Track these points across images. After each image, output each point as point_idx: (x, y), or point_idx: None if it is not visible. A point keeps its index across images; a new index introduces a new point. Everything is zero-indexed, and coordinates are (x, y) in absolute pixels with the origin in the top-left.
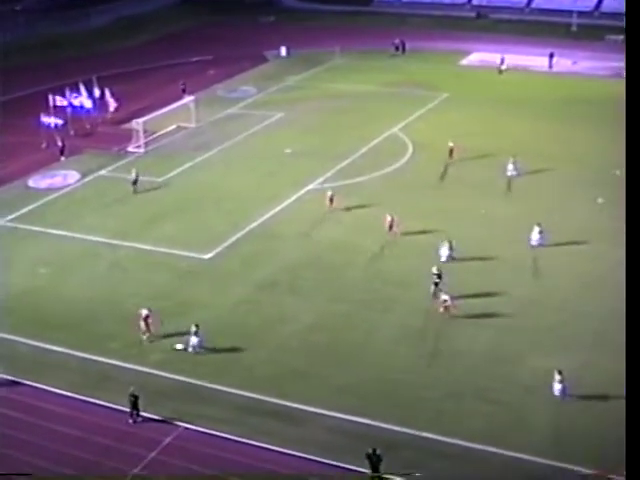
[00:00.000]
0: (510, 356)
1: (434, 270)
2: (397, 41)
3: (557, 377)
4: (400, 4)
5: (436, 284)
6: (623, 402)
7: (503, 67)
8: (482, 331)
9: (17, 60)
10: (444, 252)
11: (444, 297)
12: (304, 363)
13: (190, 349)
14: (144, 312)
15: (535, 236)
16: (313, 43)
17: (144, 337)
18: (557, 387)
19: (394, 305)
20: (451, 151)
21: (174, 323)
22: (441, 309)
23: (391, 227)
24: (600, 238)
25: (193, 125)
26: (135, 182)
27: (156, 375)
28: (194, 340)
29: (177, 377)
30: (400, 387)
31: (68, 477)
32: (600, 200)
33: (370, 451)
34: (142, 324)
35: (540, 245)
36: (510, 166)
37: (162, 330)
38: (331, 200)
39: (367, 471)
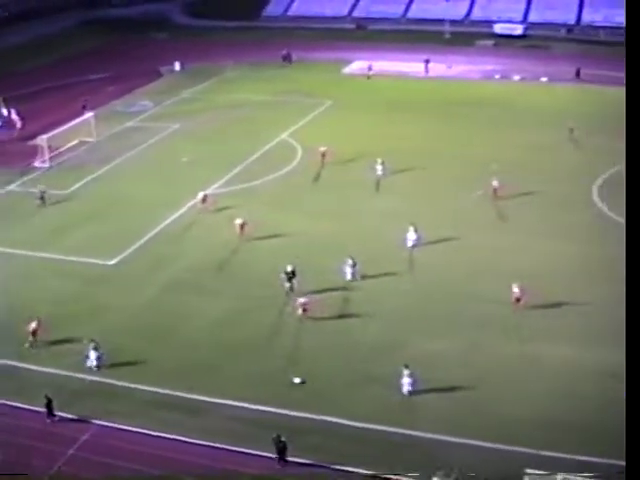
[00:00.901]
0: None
1: (288, 268)
2: (285, 53)
3: (405, 372)
4: (286, 18)
5: (289, 280)
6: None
7: (370, 73)
8: (371, 323)
9: None
10: (412, 237)
11: (301, 300)
12: (208, 357)
13: (90, 363)
14: (32, 325)
15: (412, 236)
16: (206, 57)
17: (26, 345)
18: (406, 381)
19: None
20: (323, 155)
21: (81, 327)
22: (300, 310)
23: (242, 227)
24: (474, 230)
25: (94, 139)
26: (42, 197)
27: (70, 377)
28: (93, 355)
29: (90, 377)
30: (302, 377)
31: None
32: (478, 193)
33: (275, 437)
34: (30, 334)
35: (416, 243)
36: (379, 167)
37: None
38: (204, 200)
39: (273, 456)
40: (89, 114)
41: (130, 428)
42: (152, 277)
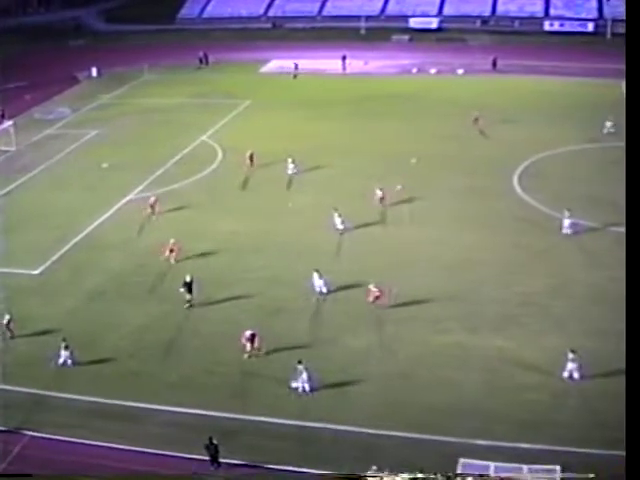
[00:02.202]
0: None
1: (187, 279)
2: (201, 54)
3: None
4: (201, 20)
5: (189, 291)
6: None
7: (296, 72)
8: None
9: None
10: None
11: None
12: (137, 363)
13: (62, 361)
14: None
15: (337, 221)
16: (122, 62)
17: None
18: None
19: (216, 303)
20: (251, 157)
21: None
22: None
23: (172, 251)
24: (390, 220)
25: (14, 148)
26: None
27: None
28: (65, 354)
29: (20, 389)
30: (230, 378)
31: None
32: (399, 187)
33: (207, 441)
34: None
35: (345, 229)
36: (290, 165)
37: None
38: (152, 206)
39: (206, 458)
40: (8, 123)
41: (63, 438)
42: (76, 285)
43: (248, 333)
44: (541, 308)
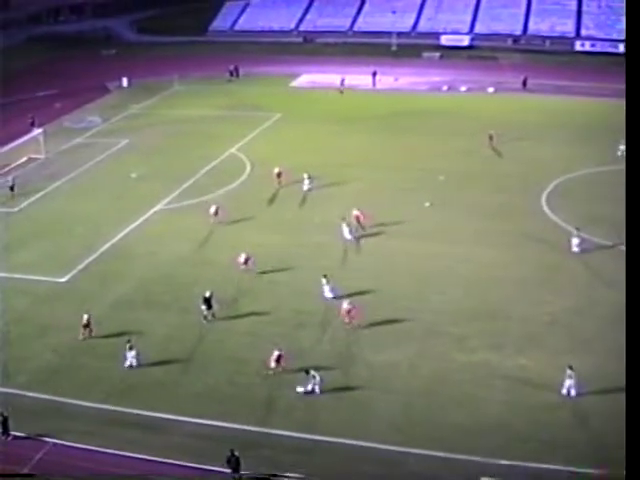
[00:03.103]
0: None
1: (206, 294)
2: (232, 67)
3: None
4: (233, 33)
5: (209, 307)
6: None
7: (342, 87)
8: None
9: None
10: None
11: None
12: (162, 373)
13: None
14: None
15: (345, 230)
16: (153, 73)
17: None
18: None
19: (241, 315)
20: (279, 175)
21: (32, 345)
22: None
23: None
24: (416, 236)
25: (43, 156)
26: (12, 187)
27: (23, 395)
28: (131, 354)
29: (43, 396)
30: (253, 390)
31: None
32: (427, 204)
33: (229, 454)
34: None
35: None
36: (306, 181)
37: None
38: (216, 213)
39: (228, 470)
40: (38, 131)
41: (85, 446)
42: (102, 294)
43: (276, 354)
44: (565, 327)
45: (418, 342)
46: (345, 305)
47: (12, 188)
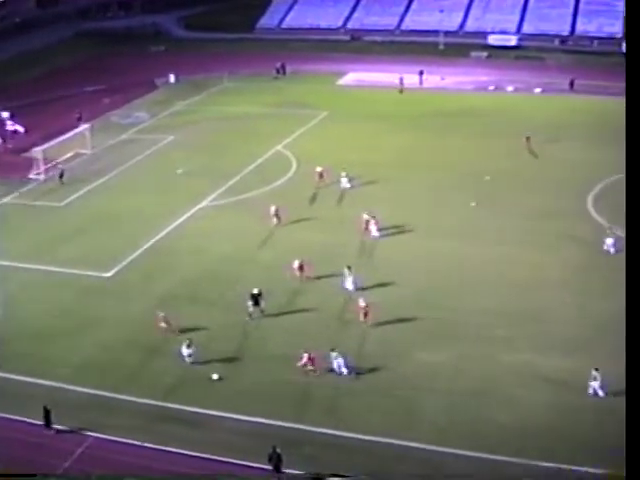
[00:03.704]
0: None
1: (254, 291)
2: (279, 64)
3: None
4: (280, 30)
5: (256, 303)
6: None
7: (402, 86)
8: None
9: None
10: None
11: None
12: (207, 370)
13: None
14: None
15: (373, 228)
16: (200, 69)
17: None
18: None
19: (287, 312)
20: (321, 174)
21: (77, 339)
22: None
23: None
24: (460, 236)
25: (90, 151)
26: (61, 175)
27: (66, 389)
28: (186, 351)
29: (87, 390)
30: (297, 389)
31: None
32: (473, 204)
33: (270, 450)
34: None
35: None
36: (344, 180)
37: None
38: (277, 215)
39: (269, 467)
40: (85, 126)
41: (127, 441)
42: (148, 289)
43: (305, 355)
44: (610, 331)
45: (462, 342)
46: (361, 302)
47: (61, 176)
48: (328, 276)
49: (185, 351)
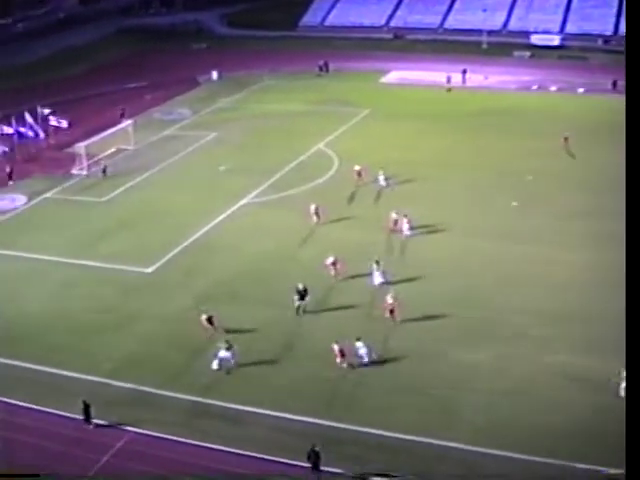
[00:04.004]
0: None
1: (299, 287)
2: (321, 62)
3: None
4: (323, 28)
5: (301, 298)
6: None
7: (450, 85)
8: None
9: None
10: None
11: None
12: (245, 367)
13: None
14: None
15: (405, 226)
16: (243, 67)
17: None
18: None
19: (326, 310)
20: (359, 173)
21: (119, 335)
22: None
23: (334, 264)
24: (501, 236)
25: (132, 147)
26: (104, 171)
27: (106, 384)
28: (223, 355)
29: (127, 385)
30: (337, 387)
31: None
32: (515, 203)
33: (310, 449)
34: None
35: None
36: (381, 177)
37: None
38: (317, 214)
39: (308, 465)
40: (127, 122)
41: (166, 436)
42: (187, 286)
43: (336, 347)
44: None
45: (501, 342)
46: (389, 299)
47: (104, 171)
48: (363, 275)
49: (223, 354)
